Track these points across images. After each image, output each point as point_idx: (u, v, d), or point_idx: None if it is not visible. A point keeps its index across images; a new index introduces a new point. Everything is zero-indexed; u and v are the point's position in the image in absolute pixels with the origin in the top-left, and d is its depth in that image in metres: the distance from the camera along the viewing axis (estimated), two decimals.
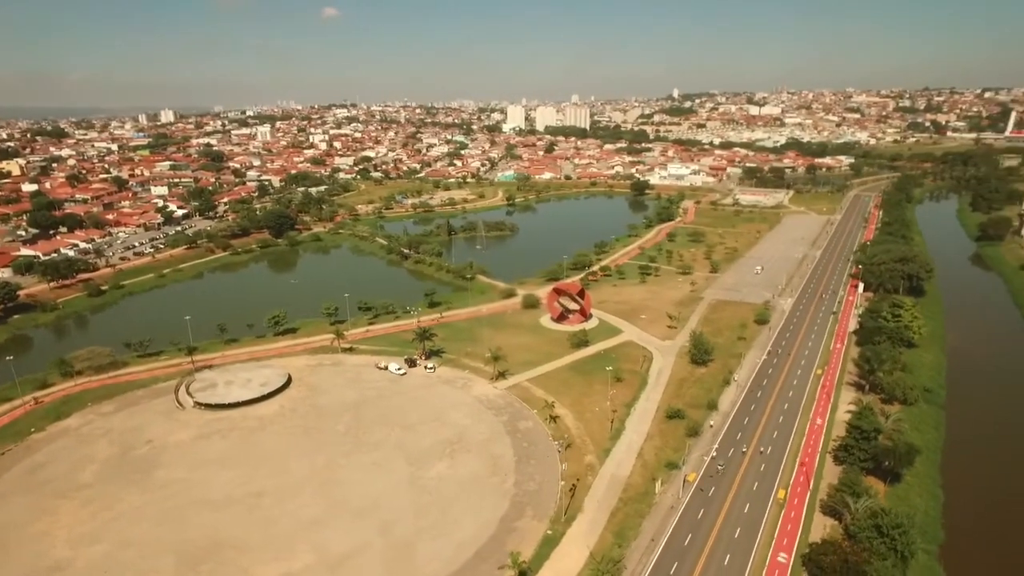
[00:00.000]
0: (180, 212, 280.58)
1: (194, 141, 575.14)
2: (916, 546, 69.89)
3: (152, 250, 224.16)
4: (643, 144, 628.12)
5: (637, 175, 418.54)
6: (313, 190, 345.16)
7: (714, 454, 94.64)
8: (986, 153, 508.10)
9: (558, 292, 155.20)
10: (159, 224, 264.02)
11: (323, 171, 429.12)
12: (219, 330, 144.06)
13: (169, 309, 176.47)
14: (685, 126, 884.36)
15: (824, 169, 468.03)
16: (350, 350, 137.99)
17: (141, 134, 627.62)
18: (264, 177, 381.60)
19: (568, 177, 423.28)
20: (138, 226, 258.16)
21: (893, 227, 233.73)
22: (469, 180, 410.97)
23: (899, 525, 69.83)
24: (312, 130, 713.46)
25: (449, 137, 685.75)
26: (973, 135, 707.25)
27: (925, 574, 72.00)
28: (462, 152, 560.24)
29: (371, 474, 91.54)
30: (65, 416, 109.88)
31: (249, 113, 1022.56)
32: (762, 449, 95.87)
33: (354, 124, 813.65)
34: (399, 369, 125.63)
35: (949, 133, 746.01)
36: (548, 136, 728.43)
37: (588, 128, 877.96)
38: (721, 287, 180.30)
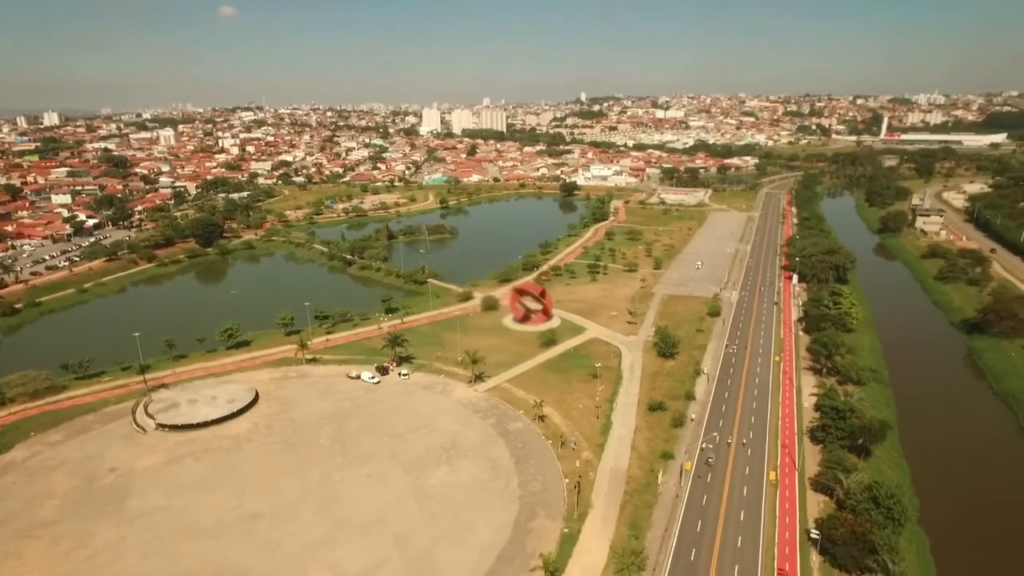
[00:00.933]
0: (91, 222, 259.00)
1: (89, 146, 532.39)
2: (909, 513, 75.69)
3: (67, 263, 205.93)
4: (561, 147, 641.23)
5: (563, 177, 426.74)
6: (235, 196, 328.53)
7: (703, 443, 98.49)
8: (869, 154, 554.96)
9: (519, 292, 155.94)
10: (68, 235, 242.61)
11: (240, 176, 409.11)
12: (167, 346, 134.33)
13: (99, 326, 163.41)
14: (597, 129, 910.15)
15: (733, 169, 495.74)
16: (314, 361, 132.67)
17: (24, 138, 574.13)
18: (179, 184, 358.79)
19: (496, 179, 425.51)
20: (44, 237, 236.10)
21: (811, 222, 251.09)
22: (396, 184, 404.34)
23: (892, 495, 75.37)
24: (220, 134, 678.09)
25: (367, 140, 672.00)
26: (853, 138, 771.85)
27: (913, 538, 78.09)
28: (384, 156, 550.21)
29: (370, 487, 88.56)
30: (6, 449, 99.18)
31: (146, 116, 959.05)
32: (744, 440, 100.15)
33: (265, 128, 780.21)
34: (372, 378, 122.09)
35: (834, 135, 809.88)
36: (467, 139, 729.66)
37: (505, 131, 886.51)
38: (668, 283, 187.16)
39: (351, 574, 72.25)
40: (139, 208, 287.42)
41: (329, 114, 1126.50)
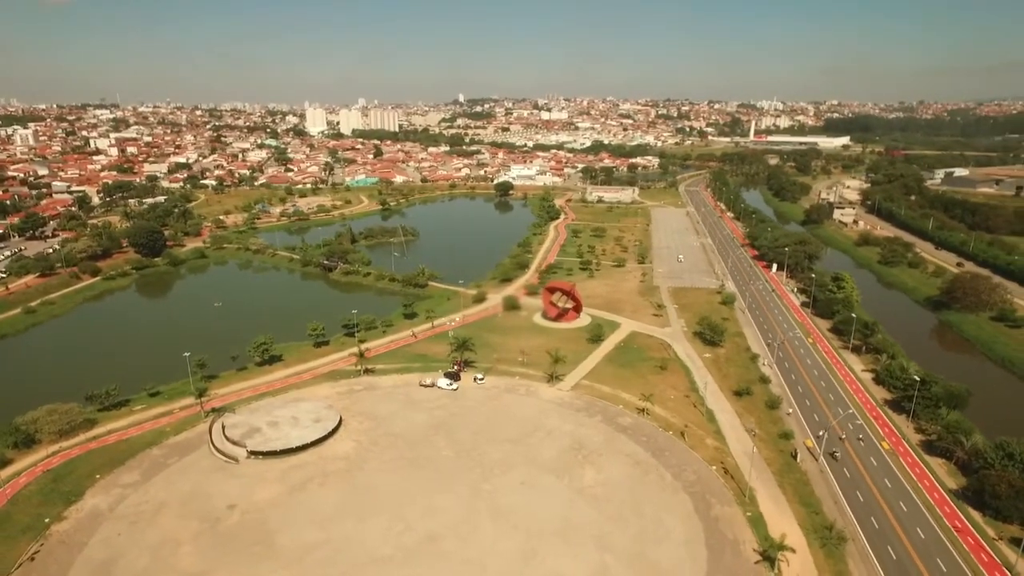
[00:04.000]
0: None
1: None
2: None
3: None
4: (464, 147, 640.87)
5: (489, 177, 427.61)
6: (148, 201, 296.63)
7: (804, 422, 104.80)
8: (753, 154, 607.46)
9: (551, 291, 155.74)
10: None
11: (138, 180, 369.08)
12: (198, 366, 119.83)
13: (74, 351, 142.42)
14: (491, 129, 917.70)
15: (641, 168, 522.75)
16: (370, 371, 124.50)
17: None
18: (75, 188, 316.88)
19: (425, 180, 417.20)
20: None
21: (755, 216, 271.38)
22: (321, 186, 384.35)
23: None
24: (85, 133, 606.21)
25: (260, 141, 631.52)
26: (727, 139, 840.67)
27: None
28: (288, 157, 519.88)
29: (531, 494, 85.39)
30: (76, 497, 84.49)
31: None
32: (840, 417, 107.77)
33: (137, 128, 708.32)
34: (450, 384, 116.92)
35: (710, 137, 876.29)
36: (362, 139, 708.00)
37: (398, 131, 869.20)
38: (662, 276, 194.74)
39: None
40: (44, 216, 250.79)
41: (199, 113, 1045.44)
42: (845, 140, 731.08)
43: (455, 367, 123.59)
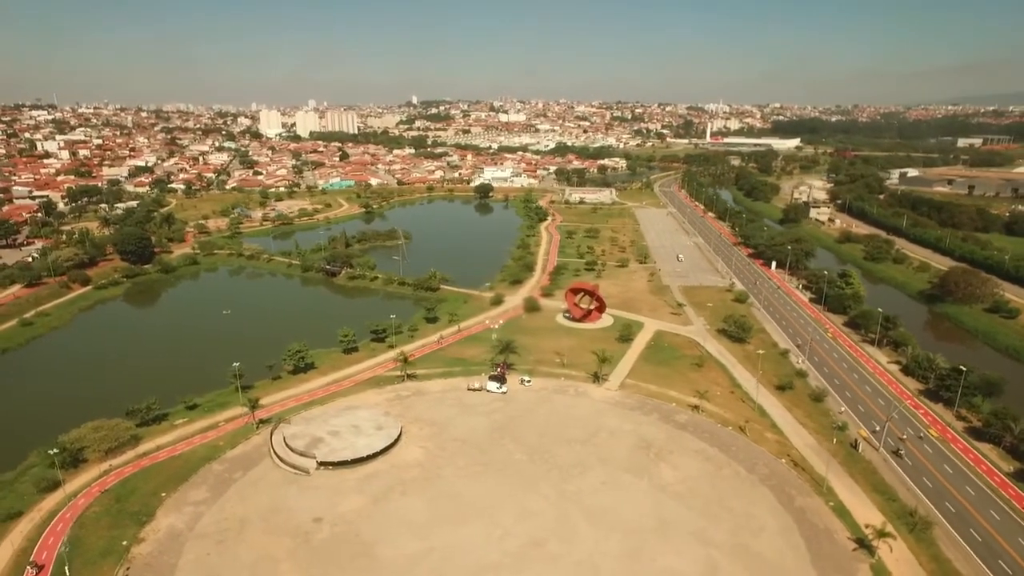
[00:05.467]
0: None
1: None
2: None
3: None
4: (429, 149, 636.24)
5: (464, 179, 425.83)
6: (120, 206, 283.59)
7: (847, 411, 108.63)
8: (715, 155, 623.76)
9: (575, 292, 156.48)
10: None
11: (100, 184, 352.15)
12: (234, 377, 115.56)
13: (86, 365, 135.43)
14: (451, 131, 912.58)
15: (610, 170, 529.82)
16: (412, 377, 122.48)
17: None
18: (38, 194, 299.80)
19: (401, 183, 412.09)
20: None
21: (741, 216, 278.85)
22: (295, 189, 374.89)
23: None
24: (32, 135, 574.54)
25: (219, 144, 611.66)
26: (685, 141, 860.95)
27: None
28: (252, 160, 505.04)
29: (614, 493, 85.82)
30: (147, 517, 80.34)
31: None
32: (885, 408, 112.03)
33: (83, 130, 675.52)
34: (499, 387, 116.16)
35: (668, 139, 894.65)
36: (323, 142, 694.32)
37: (358, 133, 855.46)
38: (668, 275, 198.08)
39: None
40: (15, 223, 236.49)
41: (144, 115, 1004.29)
42: (796, 142, 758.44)
43: (498, 370, 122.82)
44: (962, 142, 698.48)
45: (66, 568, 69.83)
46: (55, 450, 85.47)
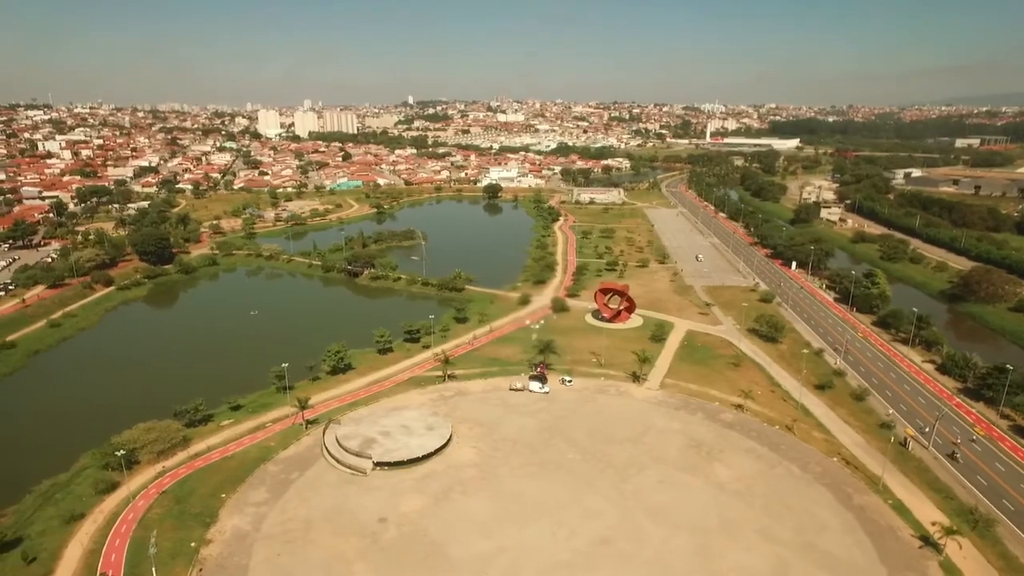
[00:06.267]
0: None
1: None
2: None
3: (2, 294, 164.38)
4: (427, 149, 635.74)
5: (471, 179, 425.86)
6: (132, 207, 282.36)
7: (893, 412, 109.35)
8: (718, 154, 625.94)
9: (604, 292, 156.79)
10: None
11: (108, 184, 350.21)
12: (276, 378, 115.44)
13: (120, 365, 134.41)
14: (451, 131, 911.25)
15: (614, 170, 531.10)
16: (452, 377, 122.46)
17: None
18: (48, 194, 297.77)
19: (408, 183, 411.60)
20: None
21: (755, 216, 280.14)
22: (303, 190, 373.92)
23: None
24: (32, 135, 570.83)
25: (220, 144, 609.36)
26: (686, 141, 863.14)
27: None
28: (257, 160, 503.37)
29: (672, 492, 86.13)
30: (210, 518, 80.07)
31: None
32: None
33: (82, 130, 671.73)
34: (541, 387, 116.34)
35: (669, 139, 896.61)
36: (324, 142, 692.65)
37: (357, 133, 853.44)
38: (691, 275, 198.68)
39: None
40: (33, 223, 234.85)
41: (141, 115, 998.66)
42: (796, 142, 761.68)
43: (538, 369, 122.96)
44: (960, 142, 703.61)
45: (153, 570, 69.60)
46: (120, 451, 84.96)
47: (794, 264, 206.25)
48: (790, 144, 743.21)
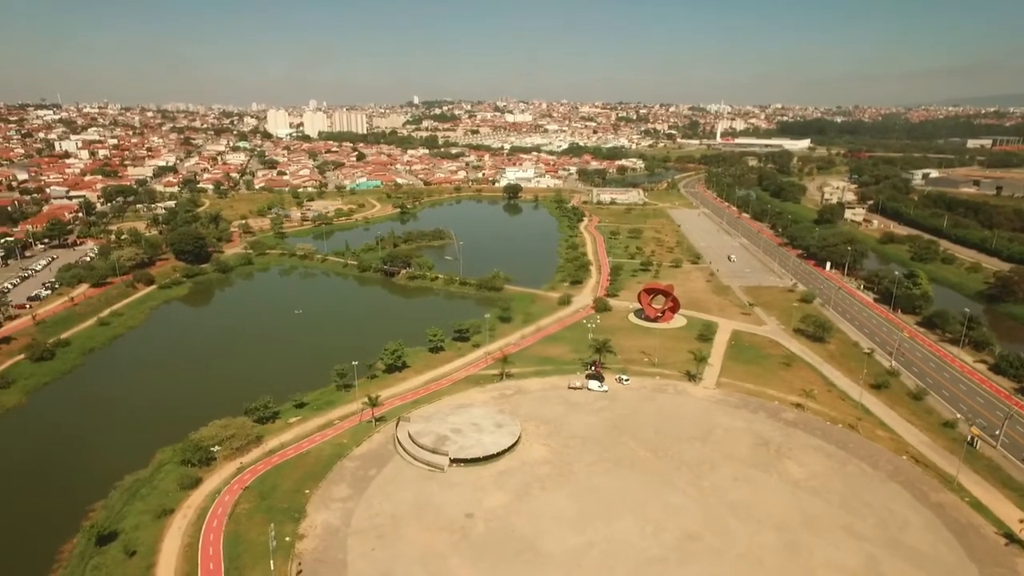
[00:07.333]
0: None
1: None
2: None
3: (48, 292, 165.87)
4: (439, 149, 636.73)
5: (488, 179, 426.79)
6: (160, 206, 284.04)
7: (956, 413, 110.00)
8: (731, 155, 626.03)
9: (648, 292, 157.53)
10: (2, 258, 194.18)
11: (131, 184, 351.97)
12: (338, 375, 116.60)
13: (178, 363, 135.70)
14: (460, 131, 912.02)
15: (629, 171, 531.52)
16: (509, 376, 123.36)
17: None
18: (75, 194, 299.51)
19: (427, 183, 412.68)
20: None
21: (783, 217, 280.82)
22: (324, 190, 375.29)
23: None
24: (46, 135, 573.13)
25: (233, 144, 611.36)
26: (696, 141, 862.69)
27: None
28: (272, 160, 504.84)
29: (750, 489, 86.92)
30: (298, 514, 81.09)
31: None
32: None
33: (95, 129, 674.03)
34: (601, 386, 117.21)
35: (679, 140, 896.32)
36: (335, 142, 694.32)
37: (367, 133, 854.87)
38: (726, 275, 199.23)
39: None
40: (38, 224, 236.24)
41: (150, 114, 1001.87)
42: (807, 142, 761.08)
43: (594, 368, 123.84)
44: (972, 143, 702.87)
45: (271, 563, 70.71)
46: (216, 447, 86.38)
47: (828, 264, 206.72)
48: (801, 144, 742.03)
